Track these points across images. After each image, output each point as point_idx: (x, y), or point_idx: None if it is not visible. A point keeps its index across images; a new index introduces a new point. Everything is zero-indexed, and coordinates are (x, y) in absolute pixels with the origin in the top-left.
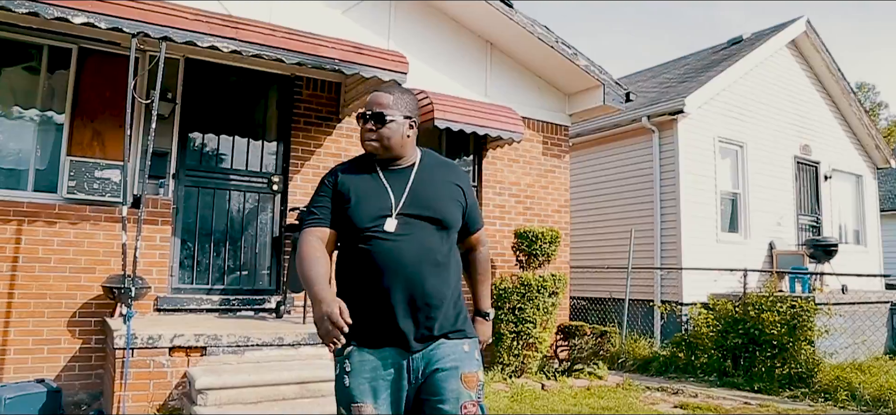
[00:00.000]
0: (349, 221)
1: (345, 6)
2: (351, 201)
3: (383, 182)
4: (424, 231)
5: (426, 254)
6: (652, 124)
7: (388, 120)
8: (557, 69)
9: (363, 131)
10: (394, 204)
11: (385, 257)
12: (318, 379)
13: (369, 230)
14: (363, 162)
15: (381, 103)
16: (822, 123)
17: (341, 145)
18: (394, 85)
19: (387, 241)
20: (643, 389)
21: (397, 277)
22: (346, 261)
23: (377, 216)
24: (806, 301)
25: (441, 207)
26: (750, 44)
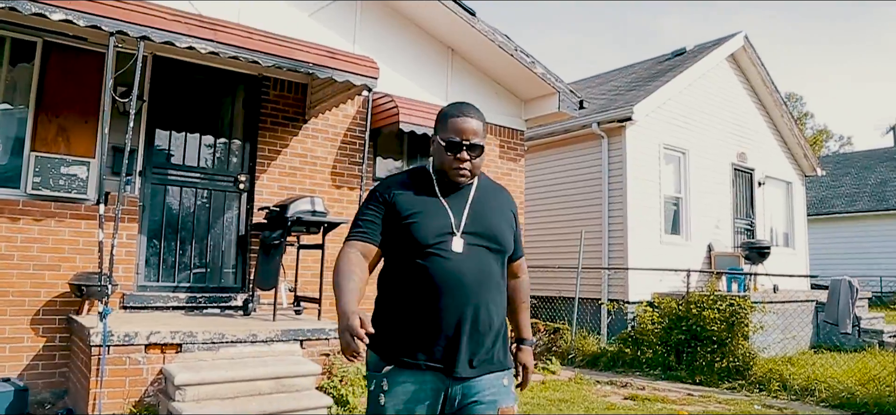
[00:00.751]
0: (409, 236)
1: (312, 8)
2: (410, 217)
3: (441, 201)
4: (483, 254)
5: (486, 277)
6: (602, 131)
7: (483, 149)
8: (515, 76)
9: (453, 160)
10: (455, 224)
11: (445, 277)
12: (293, 374)
13: (431, 248)
14: (419, 177)
15: (476, 132)
16: (757, 132)
17: (307, 146)
18: (470, 106)
19: (448, 260)
20: (594, 382)
21: (454, 299)
22: (398, 278)
23: (439, 234)
24: (743, 300)
25: (499, 232)
26: (693, 56)
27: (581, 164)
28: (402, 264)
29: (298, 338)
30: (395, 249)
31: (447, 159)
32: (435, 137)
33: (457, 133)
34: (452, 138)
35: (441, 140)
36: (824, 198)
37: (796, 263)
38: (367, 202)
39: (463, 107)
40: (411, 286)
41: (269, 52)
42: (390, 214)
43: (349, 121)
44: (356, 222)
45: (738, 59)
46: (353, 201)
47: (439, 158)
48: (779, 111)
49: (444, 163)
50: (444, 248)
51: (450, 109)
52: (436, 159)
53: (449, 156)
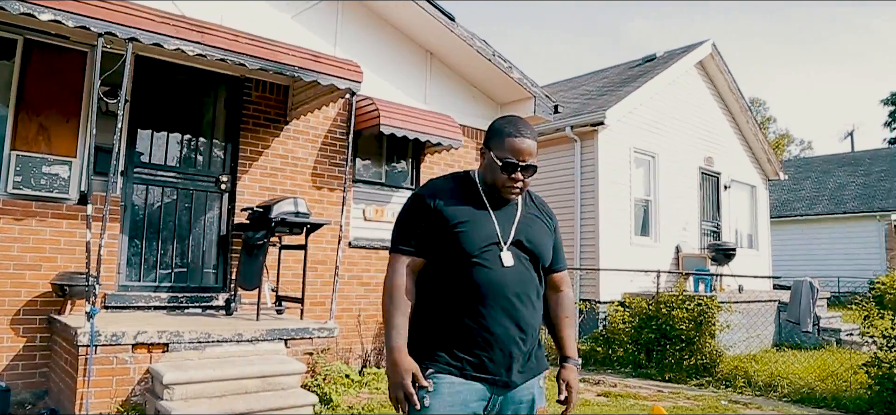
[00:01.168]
0: (456, 245)
1: (294, 10)
2: (458, 226)
3: (490, 213)
4: (526, 266)
5: (528, 288)
6: (574, 134)
7: (536, 168)
8: (492, 80)
9: (507, 179)
10: (502, 234)
11: (491, 287)
12: (279, 373)
13: (477, 258)
14: (465, 185)
15: (532, 152)
16: (724, 137)
17: (288, 147)
18: (526, 124)
19: (493, 271)
20: None
21: (500, 309)
22: (443, 284)
23: (486, 244)
24: (710, 300)
25: (542, 244)
26: (663, 62)
27: (554, 166)
28: (447, 272)
29: (283, 337)
30: (439, 256)
31: (501, 178)
32: (487, 151)
33: (514, 154)
34: (509, 159)
35: (497, 159)
36: (786, 201)
37: (760, 264)
38: (412, 210)
39: (520, 126)
40: (457, 294)
41: (256, 56)
42: (437, 222)
43: (329, 123)
44: (403, 233)
45: (706, 66)
46: (332, 202)
47: (492, 174)
48: (744, 117)
49: (498, 181)
50: (490, 259)
51: (506, 127)
52: (487, 173)
53: (503, 175)
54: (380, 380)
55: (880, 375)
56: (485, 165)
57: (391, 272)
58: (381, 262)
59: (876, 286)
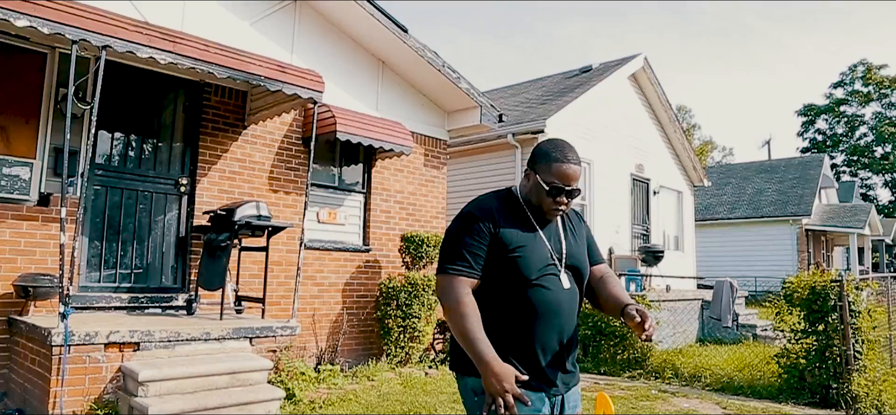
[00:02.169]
0: (516, 269)
1: (253, 17)
2: (516, 250)
3: (540, 233)
4: (573, 282)
5: (576, 305)
6: (516, 141)
7: (580, 191)
8: (441, 89)
9: (553, 202)
10: (556, 258)
11: (547, 307)
12: (248, 370)
13: (535, 280)
14: (512, 205)
15: (578, 176)
16: (654, 145)
17: (246, 151)
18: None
19: (550, 291)
20: None
21: (556, 326)
22: (501, 305)
23: (543, 267)
24: (641, 299)
25: (585, 262)
26: (598, 74)
27: (496, 171)
28: (506, 293)
29: (248, 336)
30: (497, 278)
31: (547, 201)
32: (533, 173)
33: (562, 179)
34: (556, 183)
35: (544, 183)
36: (709, 205)
37: (685, 265)
38: (469, 231)
39: (567, 151)
40: (517, 315)
41: (224, 65)
42: (495, 245)
43: (286, 128)
44: (460, 253)
45: (638, 78)
46: (288, 205)
47: (538, 196)
48: (672, 127)
49: (544, 203)
50: (547, 281)
51: (553, 151)
52: (532, 194)
53: (549, 199)
54: (335, 376)
55: (788, 364)
56: (530, 186)
57: (455, 294)
58: (334, 263)
59: (786, 286)
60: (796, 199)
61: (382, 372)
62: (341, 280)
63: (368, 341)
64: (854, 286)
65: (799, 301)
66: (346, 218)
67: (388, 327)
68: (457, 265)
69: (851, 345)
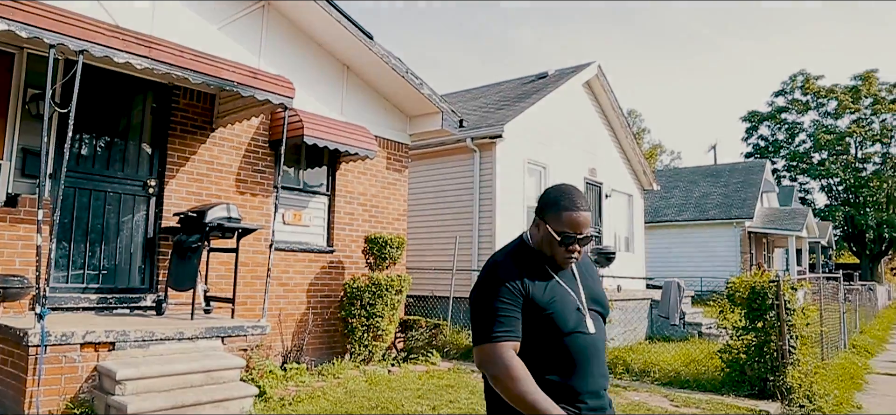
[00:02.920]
0: (552, 325)
1: (221, 21)
2: (548, 307)
3: (558, 280)
4: (599, 323)
5: (603, 344)
6: (474, 145)
7: (592, 238)
8: (404, 95)
9: (565, 251)
10: (581, 305)
11: (582, 354)
12: (222, 368)
13: (570, 331)
14: (530, 259)
15: (588, 223)
16: (606, 150)
17: (214, 153)
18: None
19: (585, 337)
20: (470, 371)
21: (592, 369)
22: (536, 359)
23: (575, 317)
24: None
25: (604, 299)
26: (554, 81)
27: (455, 174)
28: (542, 348)
29: (220, 335)
30: (532, 335)
31: (560, 251)
32: (543, 223)
33: (572, 227)
34: (568, 233)
35: (555, 233)
36: (658, 208)
37: (635, 266)
38: (501, 296)
39: (575, 197)
40: (553, 367)
41: (199, 71)
42: (528, 306)
43: (253, 131)
44: (498, 320)
45: (592, 85)
46: (255, 206)
47: (550, 247)
48: (624, 133)
49: (556, 254)
50: (580, 330)
51: (562, 199)
52: (544, 245)
53: (561, 248)
54: (302, 374)
55: (730, 359)
56: (541, 236)
57: (502, 361)
58: (299, 263)
59: (729, 286)
60: (740, 202)
61: (347, 370)
62: (306, 281)
63: (332, 339)
64: (790, 286)
65: (740, 300)
66: (310, 220)
67: (352, 326)
68: (498, 332)
69: (787, 341)
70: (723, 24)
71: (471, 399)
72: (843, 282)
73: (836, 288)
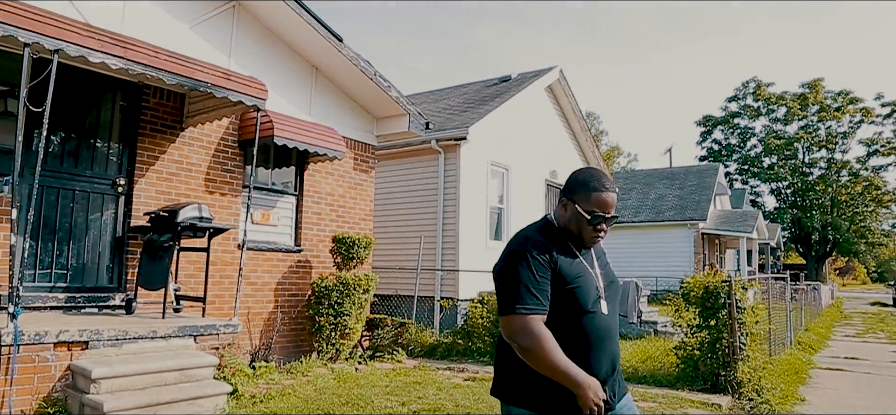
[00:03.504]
0: (574, 300)
1: (192, 21)
2: (573, 282)
3: (582, 261)
4: (614, 307)
5: (617, 325)
6: (439, 147)
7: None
8: (372, 97)
9: (593, 231)
10: (600, 285)
11: (600, 333)
12: (195, 366)
13: (589, 310)
14: (556, 237)
15: (614, 204)
16: (566, 152)
17: (183, 152)
18: (608, 177)
19: (602, 317)
20: (435, 369)
21: (605, 350)
22: (559, 333)
23: (595, 296)
24: None
25: (618, 283)
26: (517, 84)
27: (420, 175)
28: (561, 323)
29: (193, 334)
30: (554, 309)
31: (588, 230)
32: (571, 203)
33: (602, 207)
34: (597, 212)
35: (584, 212)
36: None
37: None
38: (531, 268)
39: (603, 179)
40: (573, 342)
41: (173, 72)
42: (556, 279)
43: (222, 131)
44: (529, 291)
45: (554, 89)
46: (224, 206)
47: (578, 225)
48: (584, 136)
49: (584, 232)
50: (597, 308)
51: (591, 180)
52: (572, 224)
53: (590, 228)
54: (271, 372)
55: (685, 355)
56: (569, 216)
57: (532, 332)
58: (267, 263)
59: (684, 286)
60: (694, 204)
61: (316, 368)
62: (274, 280)
63: (300, 338)
64: (741, 286)
65: (694, 299)
66: (278, 219)
67: (320, 324)
68: (528, 304)
69: (738, 338)
70: (680, 29)
71: (439, 395)
72: (790, 282)
73: (784, 288)
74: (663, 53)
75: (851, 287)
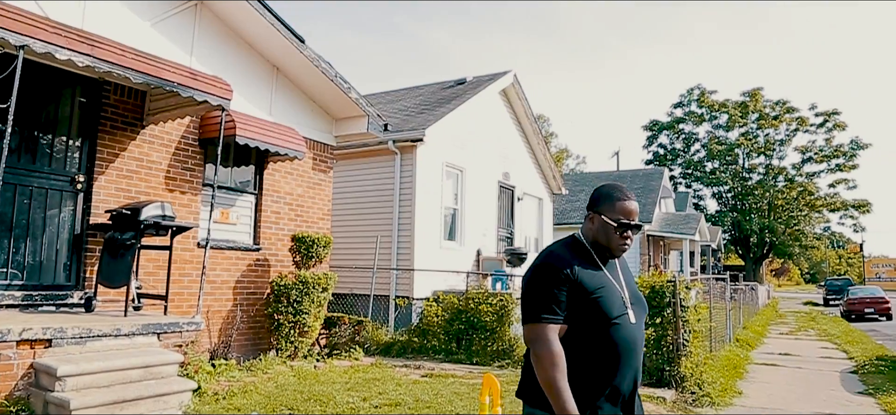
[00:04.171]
0: (598, 310)
1: (154, 18)
2: (595, 292)
3: (606, 273)
4: (640, 320)
5: (643, 338)
6: (396, 148)
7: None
8: (332, 98)
9: (620, 238)
10: (626, 297)
11: (625, 344)
12: (159, 363)
13: (615, 320)
14: (580, 251)
15: (637, 212)
16: (519, 155)
17: (144, 150)
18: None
19: (627, 329)
20: (392, 366)
21: (629, 362)
22: (583, 344)
23: (620, 306)
24: (508, 296)
25: (643, 299)
26: (472, 87)
27: (377, 176)
28: (588, 334)
29: (156, 331)
30: (580, 321)
31: (615, 238)
32: (597, 215)
33: (626, 215)
34: (623, 220)
35: (610, 220)
36: (565, 210)
37: None
38: (553, 280)
39: (626, 190)
40: (598, 352)
41: (140, 71)
42: (576, 290)
43: (183, 129)
44: (548, 303)
45: (508, 93)
46: (183, 204)
47: (606, 235)
48: (536, 139)
49: (612, 241)
50: (624, 319)
51: (615, 192)
52: (600, 235)
53: (616, 235)
54: (232, 370)
55: None
56: (596, 228)
57: (547, 343)
58: (226, 261)
59: None
60: (640, 207)
61: (275, 365)
62: (233, 278)
63: (258, 336)
64: (685, 286)
65: None
66: (237, 218)
67: (279, 322)
68: (547, 315)
69: (681, 335)
70: (631, 34)
71: (398, 390)
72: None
73: (724, 288)
74: (613, 58)
75: (786, 288)
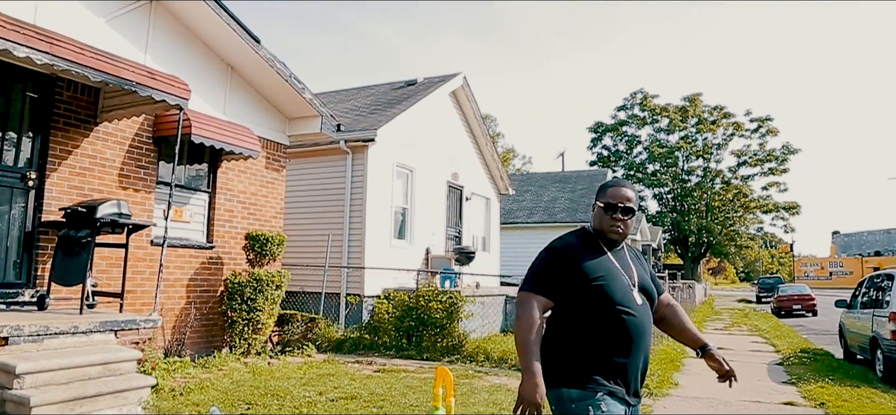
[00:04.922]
0: (602, 294)
1: (108, 15)
2: (599, 278)
3: (613, 261)
4: (646, 306)
5: (650, 325)
6: (348, 147)
7: (635, 212)
8: (286, 98)
9: (611, 220)
10: (632, 282)
11: (633, 327)
12: (118, 360)
13: (619, 303)
14: (587, 240)
15: (630, 199)
16: (468, 156)
17: (97, 147)
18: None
19: (633, 314)
20: (345, 362)
21: (636, 346)
22: (591, 326)
23: (624, 291)
24: (457, 294)
25: (652, 286)
26: (423, 88)
27: (329, 175)
28: (593, 315)
29: (114, 328)
30: (584, 303)
31: (606, 219)
32: (596, 204)
33: (614, 199)
34: (610, 201)
35: (601, 203)
36: (511, 210)
37: (491, 264)
38: (553, 263)
39: (619, 181)
40: (605, 334)
41: (100, 69)
42: (577, 275)
43: (137, 126)
44: (542, 280)
45: (458, 95)
46: (137, 202)
47: (599, 219)
48: (485, 140)
49: (603, 222)
50: (629, 303)
51: (609, 182)
52: (595, 220)
53: (607, 216)
54: (187, 367)
55: None
56: (595, 215)
57: (528, 308)
58: (179, 259)
59: None
60: (585, 207)
61: (229, 362)
62: (186, 276)
63: (212, 333)
64: None
65: None
66: (191, 216)
67: (232, 319)
68: (535, 286)
69: None
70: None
71: (353, 384)
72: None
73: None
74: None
75: (722, 286)
